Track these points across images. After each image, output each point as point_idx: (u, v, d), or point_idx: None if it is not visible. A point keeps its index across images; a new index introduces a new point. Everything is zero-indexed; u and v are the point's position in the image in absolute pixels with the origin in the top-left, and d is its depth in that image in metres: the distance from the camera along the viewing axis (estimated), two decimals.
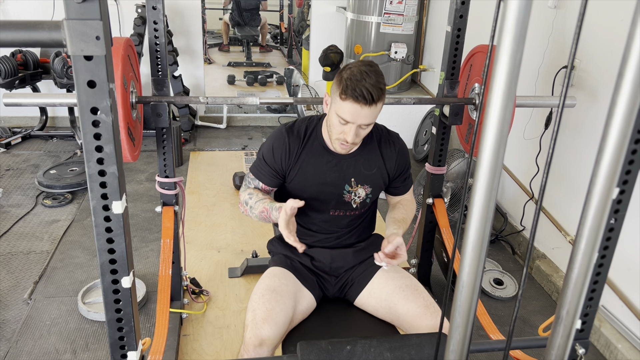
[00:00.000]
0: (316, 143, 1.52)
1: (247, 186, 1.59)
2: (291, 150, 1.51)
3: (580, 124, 2.27)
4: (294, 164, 1.52)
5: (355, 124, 1.36)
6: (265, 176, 1.54)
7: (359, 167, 1.54)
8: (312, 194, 1.53)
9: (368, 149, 1.55)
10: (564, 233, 2.38)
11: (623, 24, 2.00)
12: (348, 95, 1.32)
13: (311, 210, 1.57)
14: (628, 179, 1.00)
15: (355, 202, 1.56)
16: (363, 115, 1.34)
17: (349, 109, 1.33)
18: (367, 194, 1.57)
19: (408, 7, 3.81)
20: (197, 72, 4.37)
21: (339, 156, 1.52)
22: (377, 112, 1.37)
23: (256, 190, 1.56)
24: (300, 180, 1.53)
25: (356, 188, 1.55)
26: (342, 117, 1.36)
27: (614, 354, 2.02)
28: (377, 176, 1.57)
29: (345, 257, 1.61)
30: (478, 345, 1.22)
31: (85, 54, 0.80)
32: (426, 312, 1.45)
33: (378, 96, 1.33)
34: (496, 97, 0.50)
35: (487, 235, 0.56)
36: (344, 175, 1.53)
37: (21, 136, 3.87)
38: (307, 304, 1.53)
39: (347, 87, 1.32)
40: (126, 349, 1.05)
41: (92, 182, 0.89)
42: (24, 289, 2.29)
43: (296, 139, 1.51)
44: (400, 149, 1.59)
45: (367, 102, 1.31)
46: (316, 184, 1.52)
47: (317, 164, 1.52)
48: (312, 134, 1.53)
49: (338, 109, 1.36)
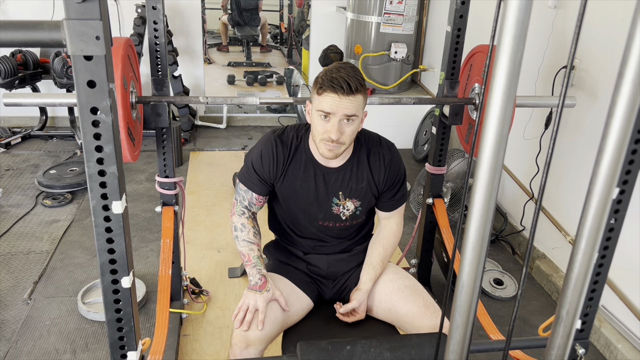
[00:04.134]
0: (303, 155, 1.48)
1: (241, 204, 1.55)
2: (278, 161, 1.47)
3: (580, 124, 2.27)
4: (282, 175, 1.49)
5: (337, 115, 1.32)
6: (256, 185, 1.51)
7: (346, 181, 1.49)
8: (300, 205, 1.52)
9: (357, 162, 1.50)
10: (564, 233, 2.38)
11: (623, 24, 2.00)
12: (325, 87, 1.32)
13: (301, 220, 1.56)
14: (628, 179, 1.00)
15: (345, 214, 1.53)
16: (343, 105, 1.31)
17: (328, 100, 1.32)
18: (356, 207, 1.53)
19: (408, 7, 3.81)
20: (197, 72, 4.38)
21: (326, 169, 1.48)
22: (358, 104, 1.34)
23: (249, 220, 1.54)
24: (288, 192, 1.51)
25: (344, 202, 1.51)
26: (322, 111, 1.33)
27: (614, 354, 2.02)
28: (366, 190, 1.52)
29: (342, 262, 1.60)
30: (478, 345, 1.22)
31: (85, 54, 0.80)
32: (426, 312, 1.44)
33: (356, 86, 1.31)
34: (496, 97, 0.50)
35: (487, 235, 0.56)
36: (332, 188, 1.50)
37: (21, 136, 3.88)
38: (300, 305, 1.52)
39: (324, 81, 1.32)
40: (126, 349, 1.05)
41: (92, 182, 0.89)
42: (24, 289, 2.29)
43: (284, 148, 1.47)
44: (391, 161, 1.51)
45: (345, 92, 1.30)
46: (303, 196, 1.50)
47: (305, 177, 1.48)
48: (300, 146, 1.49)
49: (318, 104, 1.35)
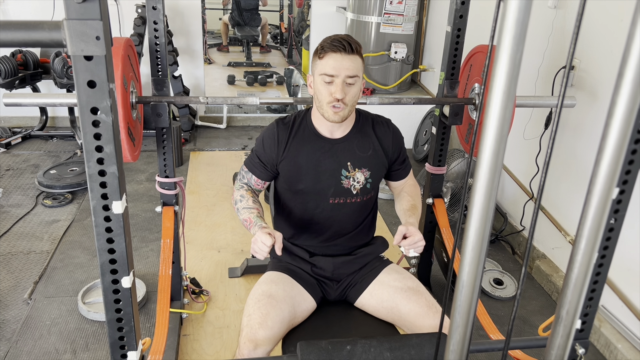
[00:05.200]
0: (307, 131, 1.52)
1: (241, 181, 1.61)
2: (280, 140, 1.51)
3: (580, 124, 2.27)
4: (285, 153, 1.51)
5: (340, 77, 1.37)
6: (257, 168, 1.56)
7: (353, 150, 1.52)
8: (308, 183, 1.51)
9: (361, 131, 1.54)
10: (564, 233, 2.38)
11: (623, 24, 2.00)
12: (326, 50, 1.38)
13: (310, 202, 1.54)
14: (628, 179, 1.00)
15: (355, 187, 1.53)
16: (345, 65, 1.36)
17: (331, 62, 1.37)
18: (366, 179, 1.53)
19: (408, 7, 3.81)
20: (197, 72, 4.38)
21: (332, 141, 1.51)
22: (358, 65, 1.39)
23: (248, 191, 1.56)
24: (294, 170, 1.51)
25: (354, 172, 1.52)
26: (326, 73, 1.38)
27: (614, 354, 2.02)
28: (374, 158, 1.54)
29: (347, 264, 1.60)
30: (478, 345, 1.22)
31: (85, 54, 0.80)
32: (429, 312, 1.44)
33: (355, 47, 1.37)
34: (496, 97, 0.50)
35: (487, 235, 0.56)
36: (339, 159, 1.51)
37: (21, 136, 3.88)
38: (306, 306, 1.52)
39: (325, 44, 1.39)
40: (126, 349, 1.05)
41: (92, 182, 0.89)
42: (24, 289, 2.29)
43: (285, 128, 1.52)
44: (394, 130, 1.59)
45: (346, 50, 1.36)
46: (311, 171, 1.50)
47: (310, 151, 1.50)
48: (302, 122, 1.53)
49: (321, 69, 1.39)
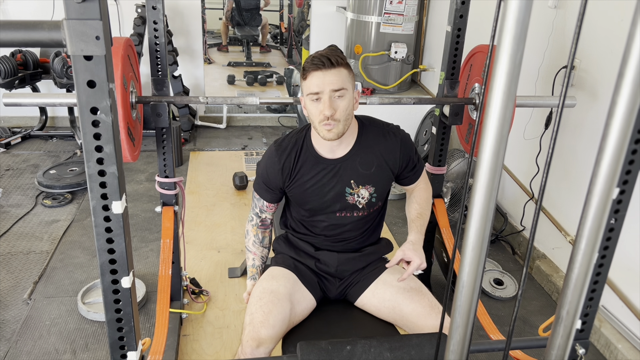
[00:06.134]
0: (309, 155, 1.52)
1: (253, 210, 1.66)
2: (284, 168, 1.52)
3: (580, 124, 2.27)
4: (291, 181, 1.53)
5: (325, 92, 1.37)
6: (267, 193, 1.59)
7: (356, 167, 1.52)
8: (314, 204, 1.54)
9: (364, 147, 1.52)
10: (564, 233, 2.38)
11: (623, 24, 2.00)
12: (307, 69, 1.39)
13: (318, 215, 1.57)
14: (628, 179, 1.00)
15: (360, 203, 1.55)
16: (328, 80, 1.36)
17: (314, 80, 1.38)
18: (371, 194, 1.54)
19: (408, 7, 3.81)
20: (197, 72, 4.38)
21: (334, 161, 1.51)
22: (342, 77, 1.38)
23: (254, 227, 1.66)
24: (300, 193, 1.54)
25: (357, 189, 1.53)
26: (311, 92, 1.38)
27: (614, 354, 2.02)
28: (378, 174, 1.54)
29: (352, 261, 1.60)
30: (478, 345, 1.22)
31: (85, 54, 0.80)
32: (431, 312, 1.44)
33: (336, 60, 1.37)
34: (496, 97, 0.50)
35: (487, 235, 0.56)
36: (342, 179, 1.52)
37: (21, 136, 3.88)
38: (306, 305, 1.53)
39: (305, 66, 1.41)
40: (126, 349, 1.05)
41: (92, 182, 0.89)
42: (24, 289, 2.29)
43: (288, 155, 1.52)
44: (402, 140, 1.55)
45: (326, 66, 1.36)
46: (317, 193, 1.52)
47: (314, 175, 1.51)
48: (303, 146, 1.52)
49: (307, 89, 1.40)
